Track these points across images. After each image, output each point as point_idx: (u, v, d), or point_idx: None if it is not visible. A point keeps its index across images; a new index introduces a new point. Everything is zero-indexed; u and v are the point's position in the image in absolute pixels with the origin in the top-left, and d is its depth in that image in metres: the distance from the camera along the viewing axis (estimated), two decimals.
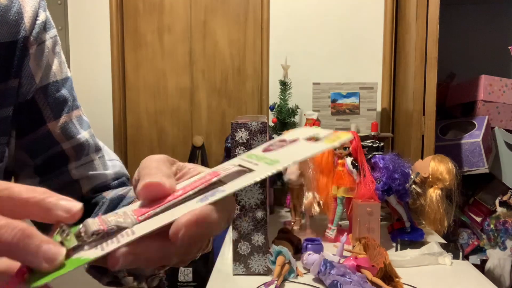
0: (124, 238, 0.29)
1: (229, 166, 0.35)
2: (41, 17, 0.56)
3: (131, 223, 0.30)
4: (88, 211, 0.57)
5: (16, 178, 0.60)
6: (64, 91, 0.59)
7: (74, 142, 0.59)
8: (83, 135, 0.61)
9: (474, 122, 1.82)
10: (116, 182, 0.64)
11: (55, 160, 0.59)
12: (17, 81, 0.54)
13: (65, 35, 2.34)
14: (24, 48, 0.54)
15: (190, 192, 0.33)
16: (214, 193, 0.32)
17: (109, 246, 0.29)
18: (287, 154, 0.35)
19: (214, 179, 0.33)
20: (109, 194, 0.59)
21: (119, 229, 0.30)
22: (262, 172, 0.34)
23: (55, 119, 0.58)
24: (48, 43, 0.57)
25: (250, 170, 0.34)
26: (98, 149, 0.63)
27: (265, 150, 0.35)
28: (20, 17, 0.53)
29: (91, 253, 0.29)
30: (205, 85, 2.41)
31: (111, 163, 0.65)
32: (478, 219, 1.84)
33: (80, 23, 2.36)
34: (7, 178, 0.58)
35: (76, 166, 0.60)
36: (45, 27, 0.57)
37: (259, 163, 0.34)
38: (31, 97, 0.56)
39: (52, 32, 0.59)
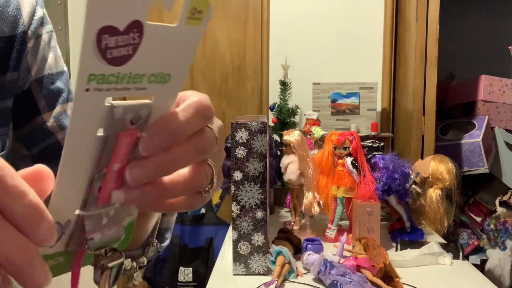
0: None
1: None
2: (38, 13, 0.58)
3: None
4: None
5: (16, 169, 0.61)
6: (59, 83, 0.61)
7: None
8: None
9: (474, 122, 1.82)
10: None
11: (51, 150, 0.60)
12: (16, 74, 0.55)
13: (65, 35, 2.34)
14: (23, 43, 0.56)
15: None
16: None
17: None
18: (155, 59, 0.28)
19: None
20: None
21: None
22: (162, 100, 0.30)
23: (50, 110, 0.60)
24: (45, 37, 0.59)
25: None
26: None
27: (111, 61, 0.26)
28: (19, 13, 0.56)
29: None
30: (205, 85, 2.41)
31: None
32: (478, 219, 1.84)
33: (80, 23, 2.36)
34: None
35: None
36: (42, 23, 0.59)
37: (134, 85, 0.28)
38: (27, 88, 0.58)
39: (48, 27, 0.61)
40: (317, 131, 1.67)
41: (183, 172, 0.33)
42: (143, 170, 0.30)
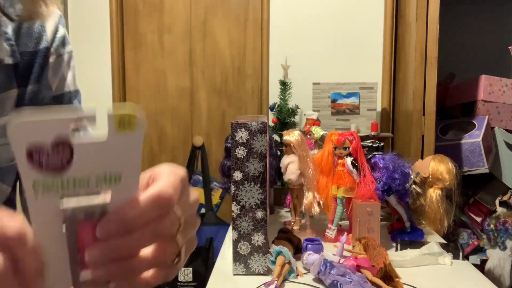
0: None
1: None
2: (61, 32, 0.63)
3: None
4: None
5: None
6: (75, 102, 0.66)
7: None
8: None
9: (474, 122, 1.82)
10: None
11: None
12: (36, 87, 0.59)
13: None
14: (45, 58, 0.60)
15: None
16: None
17: None
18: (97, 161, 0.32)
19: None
20: None
21: None
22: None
23: None
24: (65, 57, 0.64)
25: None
26: None
27: (49, 170, 0.30)
28: (43, 30, 0.60)
29: None
30: (205, 85, 2.41)
31: None
32: (478, 219, 1.84)
33: (80, 23, 2.36)
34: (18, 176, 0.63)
35: None
36: (63, 42, 0.64)
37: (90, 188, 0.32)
38: (47, 103, 0.62)
39: (69, 47, 0.66)
40: (317, 131, 1.67)
41: (148, 249, 0.35)
42: (100, 252, 0.33)
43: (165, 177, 0.36)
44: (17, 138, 0.29)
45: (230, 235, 1.32)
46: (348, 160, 1.32)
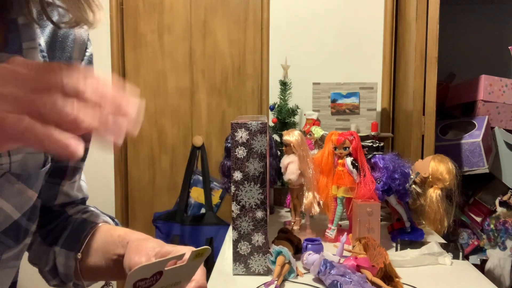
0: None
1: None
2: (90, 49, 0.67)
3: None
4: (50, 219, 0.69)
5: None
6: None
7: (77, 165, 0.69)
8: (85, 162, 0.72)
9: (474, 122, 1.82)
10: (79, 200, 0.74)
11: (57, 171, 0.68)
12: None
13: None
14: None
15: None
16: None
17: None
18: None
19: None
20: (71, 211, 0.71)
21: None
22: None
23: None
24: None
25: None
26: (81, 171, 0.73)
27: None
28: (74, 45, 0.64)
29: None
30: (205, 85, 2.41)
31: (82, 184, 0.74)
32: (478, 219, 1.84)
33: None
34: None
35: (67, 184, 0.69)
36: (91, 62, 0.68)
37: None
38: None
39: (93, 67, 0.70)
40: (317, 131, 1.67)
41: None
42: None
43: (201, 276, 0.52)
44: (131, 276, 0.42)
45: (230, 235, 1.32)
46: (348, 160, 1.32)
